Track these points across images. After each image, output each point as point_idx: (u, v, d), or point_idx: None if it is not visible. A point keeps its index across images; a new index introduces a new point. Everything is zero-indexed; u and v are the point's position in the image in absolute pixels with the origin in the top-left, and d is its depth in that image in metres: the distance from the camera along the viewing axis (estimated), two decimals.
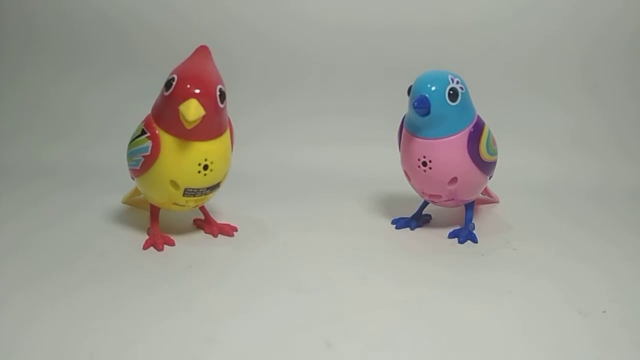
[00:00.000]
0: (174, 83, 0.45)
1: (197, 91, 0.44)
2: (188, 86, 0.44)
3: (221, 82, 0.47)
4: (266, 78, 0.79)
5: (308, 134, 0.77)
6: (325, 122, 0.77)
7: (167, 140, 0.46)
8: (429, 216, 0.57)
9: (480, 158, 0.50)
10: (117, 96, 0.80)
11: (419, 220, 0.56)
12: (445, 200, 0.52)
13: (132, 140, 0.49)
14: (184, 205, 0.50)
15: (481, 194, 0.58)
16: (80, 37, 0.81)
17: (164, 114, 0.46)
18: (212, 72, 0.47)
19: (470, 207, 0.54)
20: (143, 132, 0.47)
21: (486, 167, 0.51)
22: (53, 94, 0.81)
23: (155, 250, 0.49)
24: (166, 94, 0.46)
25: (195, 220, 0.55)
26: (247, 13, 0.79)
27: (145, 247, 0.49)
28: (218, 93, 0.46)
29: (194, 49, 0.49)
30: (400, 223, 0.56)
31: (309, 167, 0.73)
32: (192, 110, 0.43)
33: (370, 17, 0.78)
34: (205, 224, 0.54)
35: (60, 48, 0.81)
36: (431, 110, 0.47)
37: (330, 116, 0.77)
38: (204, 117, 0.44)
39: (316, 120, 0.77)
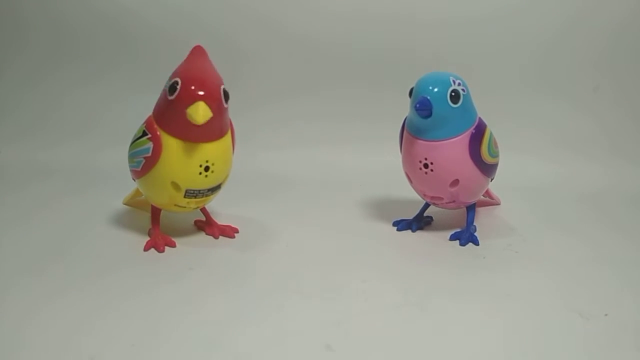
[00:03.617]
0: (178, 87, 0.45)
1: (204, 93, 0.44)
2: (194, 88, 0.44)
3: (222, 82, 0.47)
4: (268, 79, 0.79)
5: (310, 136, 0.76)
6: (327, 123, 0.77)
7: (169, 142, 0.46)
8: (430, 218, 0.57)
9: (482, 160, 0.50)
10: (118, 98, 0.80)
11: (421, 222, 0.56)
12: (446, 202, 0.52)
13: (133, 141, 0.49)
14: (185, 207, 0.50)
15: (482, 196, 0.58)
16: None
17: (168, 117, 0.46)
18: (214, 73, 0.47)
19: (471, 209, 0.54)
20: (144, 134, 0.47)
21: (488, 169, 0.51)
22: (58, 98, 0.81)
23: (156, 252, 0.49)
24: (171, 98, 0.45)
25: (196, 222, 0.55)
26: (245, 12, 0.79)
27: (146, 249, 0.49)
28: (222, 93, 0.46)
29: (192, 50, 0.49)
30: (402, 225, 0.56)
31: (310, 169, 0.73)
32: (201, 112, 0.44)
33: (370, 18, 0.78)
34: (207, 225, 0.54)
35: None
36: (433, 112, 0.47)
37: (331, 118, 0.77)
38: (210, 118, 0.44)
39: (318, 121, 0.77)
